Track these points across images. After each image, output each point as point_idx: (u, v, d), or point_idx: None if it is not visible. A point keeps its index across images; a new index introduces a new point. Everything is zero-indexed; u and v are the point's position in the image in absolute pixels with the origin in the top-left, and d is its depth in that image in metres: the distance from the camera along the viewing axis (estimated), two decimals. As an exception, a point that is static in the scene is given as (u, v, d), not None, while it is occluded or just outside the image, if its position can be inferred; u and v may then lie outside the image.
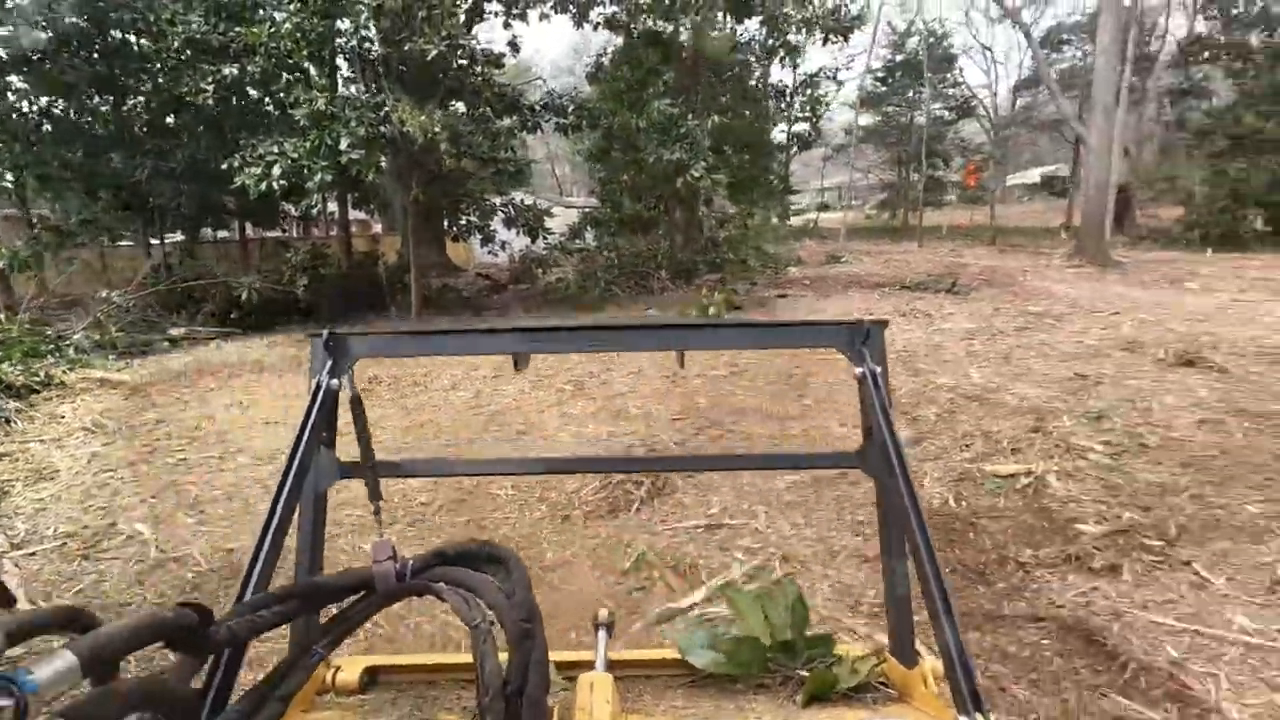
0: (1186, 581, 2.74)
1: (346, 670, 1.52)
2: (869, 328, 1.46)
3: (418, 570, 1.17)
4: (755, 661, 1.49)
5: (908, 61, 28.44)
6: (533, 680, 0.96)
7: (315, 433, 1.39)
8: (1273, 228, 19.07)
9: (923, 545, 1.18)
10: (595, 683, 1.24)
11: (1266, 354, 6.54)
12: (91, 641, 0.70)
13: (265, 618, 1.02)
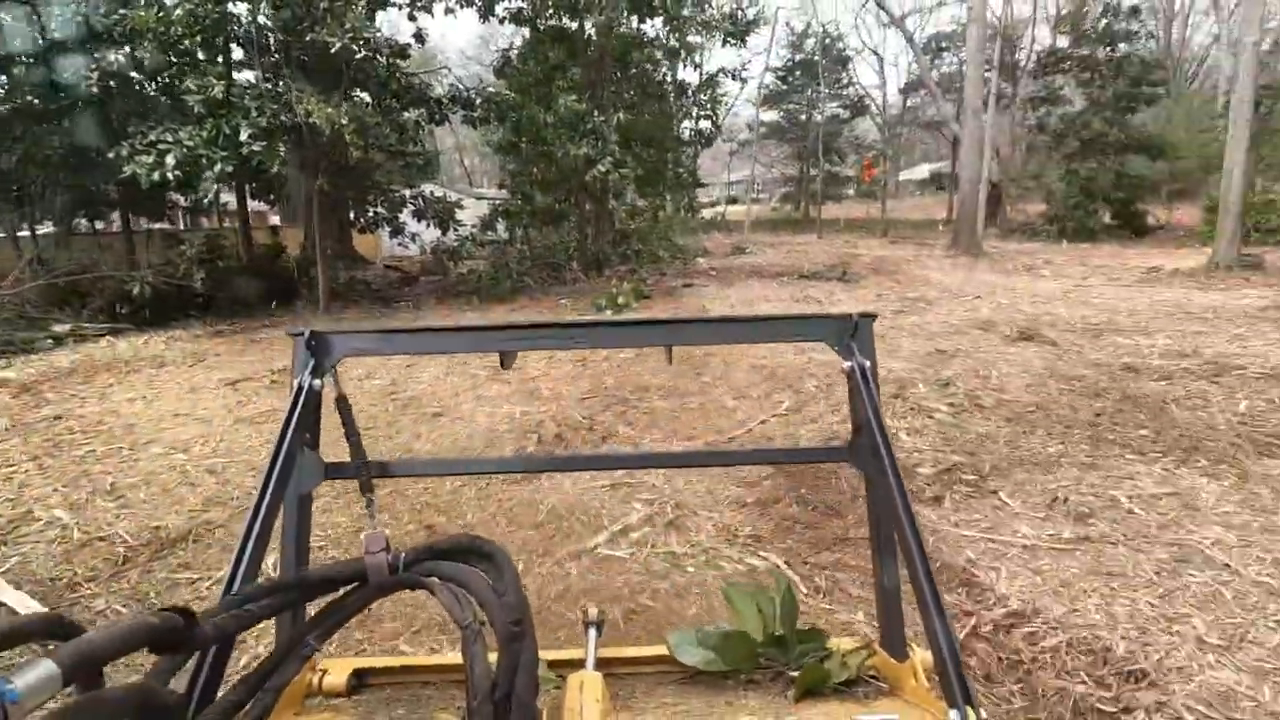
0: (990, 505, 3.43)
1: (333, 673, 1.51)
2: (857, 322, 1.47)
3: (410, 563, 1.17)
4: (746, 657, 1.50)
5: (805, 61, 29.91)
6: (522, 683, 0.95)
7: (298, 433, 1.37)
8: (1119, 221, 21.53)
9: (912, 539, 1.19)
10: (585, 681, 1.24)
11: (1090, 329, 7.67)
12: (74, 649, 0.68)
13: (253, 612, 1.01)
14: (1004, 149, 28.69)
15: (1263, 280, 11.48)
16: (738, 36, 13.03)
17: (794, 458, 3.51)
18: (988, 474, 3.77)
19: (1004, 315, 8.73)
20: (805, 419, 4.96)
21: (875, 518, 1.53)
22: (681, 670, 1.51)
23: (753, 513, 3.51)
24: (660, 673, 1.54)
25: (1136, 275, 12.93)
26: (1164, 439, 4.13)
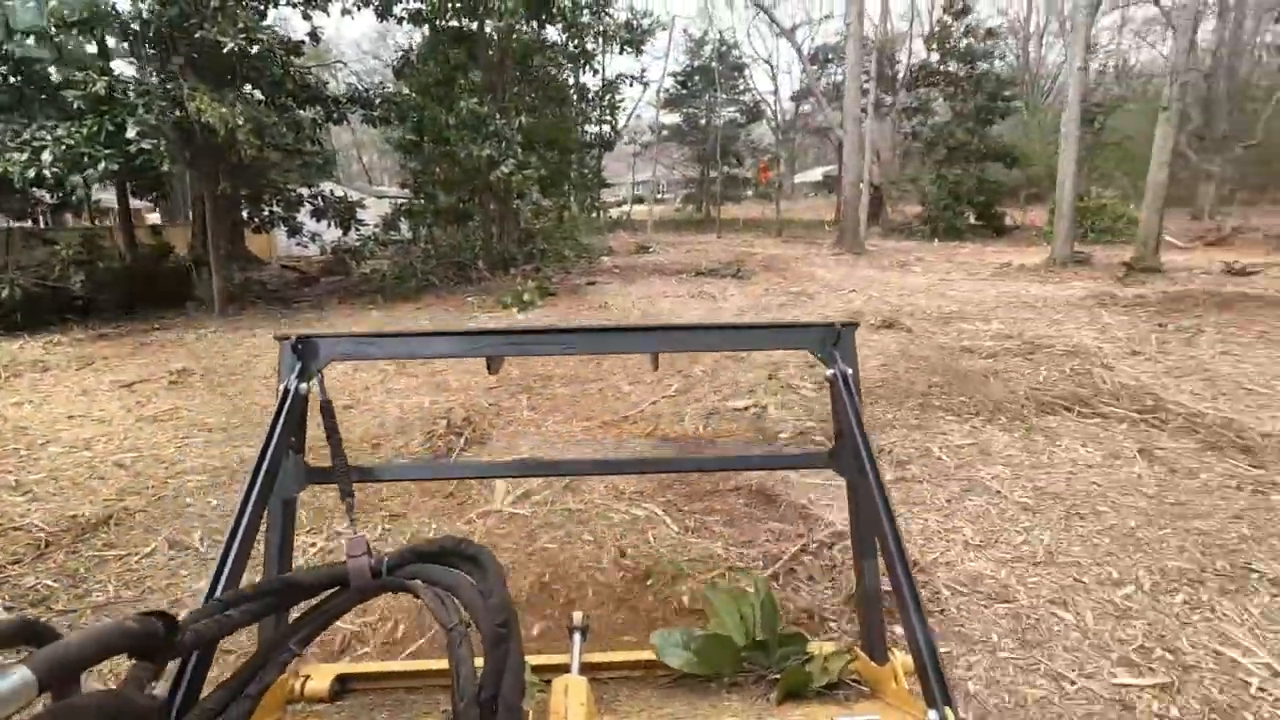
0: (893, 463, 4.13)
1: (316, 679, 1.48)
2: (840, 330, 1.49)
3: (393, 567, 1.15)
4: (729, 661, 1.50)
5: (703, 67, 31.09)
6: (508, 685, 0.94)
7: (283, 437, 1.36)
8: (982, 222, 23.84)
9: (893, 544, 1.19)
10: (570, 685, 1.23)
11: (941, 318, 8.78)
12: (49, 655, 0.67)
13: (234, 617, 1.00)
14: (885, 154, 30.97)
15: (1088, 274, 13.28)
16: (634, 45, 13.65)
17: (774, 463, 3.50)
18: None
19: (873, 307, 9.77)
20: (690, 399, 5.58)
21: (856, 522, 1.54)
22: (665, 674, 1.53)
23: (639, 476, 4.06)
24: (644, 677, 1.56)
25: (991, 270, 14.56)
26: (976, 404, 5.03)
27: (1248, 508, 3.35)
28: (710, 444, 4.65)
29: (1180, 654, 2.33)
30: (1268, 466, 3.83)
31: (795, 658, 1.51)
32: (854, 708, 1.37)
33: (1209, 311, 8.88)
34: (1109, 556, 2.96)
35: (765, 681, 1.48)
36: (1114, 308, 9.48)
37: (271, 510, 1.41)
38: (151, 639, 0.82)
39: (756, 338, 1.70)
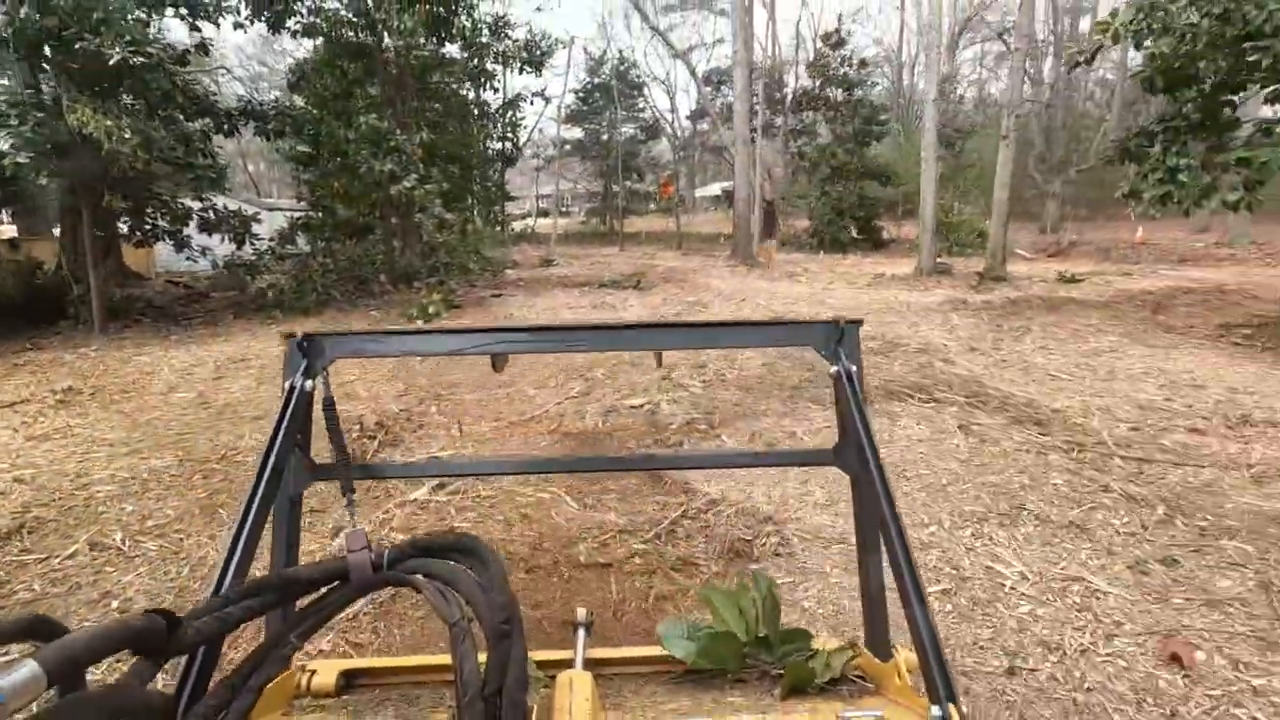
0: (714, 441, 4.76)
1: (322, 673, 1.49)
2: (844, 327, 1.48)
3: (394, 561, 1.16)
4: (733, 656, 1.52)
5: (603, 85, 31.93)
6: (512, 679, 0.95)
7: (289, 435, 1.38)
8: (863, 235, 25.80)
9: (897, 540, 1.20)
10: (574, 680, 1.23)
11: (818, 322, 9.75)
12: (57, 650, 0.69)
13: (234, 614, 1.01)
14: (777, 172, 32.89)
15: (949, 282, 14.89)
16: (534, 65, 14.10)
17: (779, 460, 3.47)
18: (717, 424, 5.13)
19: (760, 314, 10.64)
20: (591, 400, 6.08)
21: (861, 519, 1.55)
22: (669, 669, 1.54)
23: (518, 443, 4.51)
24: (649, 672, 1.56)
25: (867, 280, 15.97)
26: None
27: (1031, 464, 4.22)
28: (698, 445, 5.16)
29: (961, 570, 3.05)
30: (1052, 434, 4.77)
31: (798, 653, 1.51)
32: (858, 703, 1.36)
33: (1038, 314, 10.33)
34: (923, 505, 3.71)
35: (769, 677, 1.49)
36: (964, 311, 10.81)
37: (278, 508, 1.43)
38: (154, 635, 0.84)
39: (759, 335, 1.67)
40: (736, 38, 18.51)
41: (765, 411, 5.40)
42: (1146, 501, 3.66)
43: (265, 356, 8.10)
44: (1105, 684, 2.31)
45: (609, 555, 3.18)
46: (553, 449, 4.79)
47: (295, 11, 11.63)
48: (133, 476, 4.41)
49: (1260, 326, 8.54)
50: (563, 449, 4.78)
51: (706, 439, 4.87)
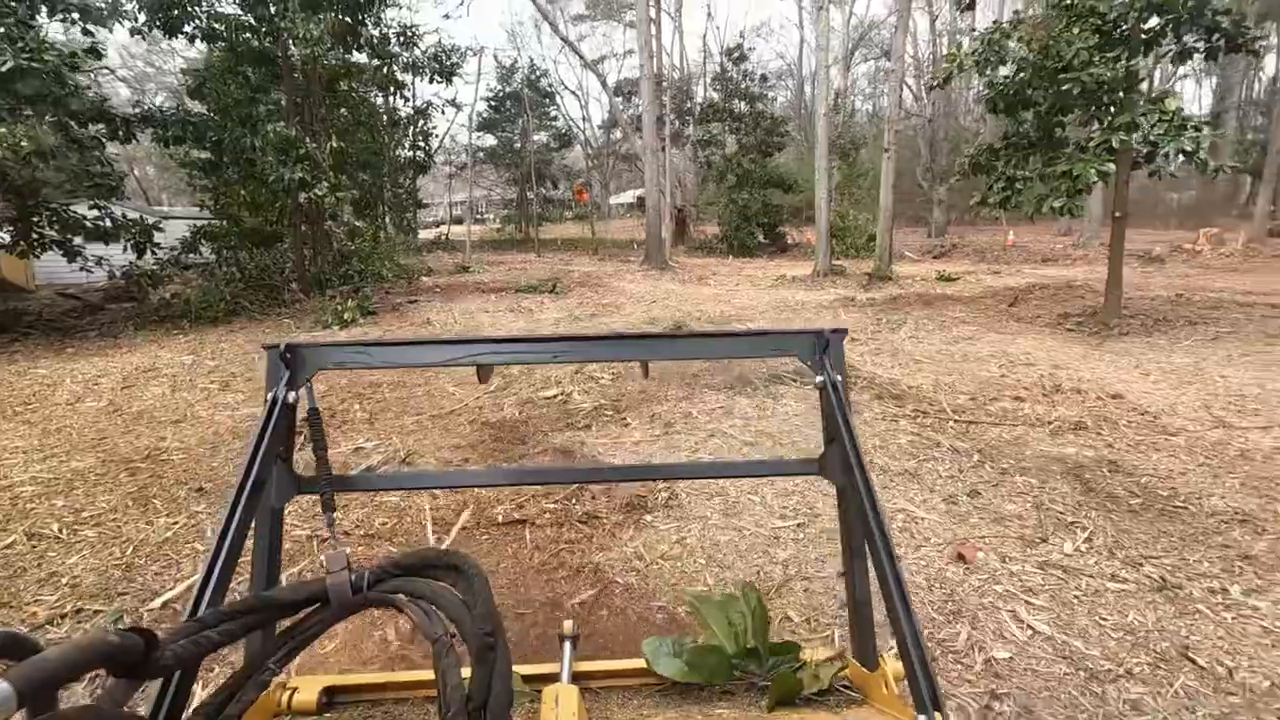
0: (620, 425, 5.33)
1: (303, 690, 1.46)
2: (828, 337, 1.47)
3: (374, 582, 1.14)
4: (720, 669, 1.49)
5: (514, 93, 32.16)
6: (496, 694, 0.94)
7: (271, 447, 1.35)
8: (768, 240, 27.20)
9: (884, 550, 1.19)
10: (560, 694, 1.21)
11: (720, 319, 10.53)
12: (28, 669, 0.66)
13: (212, 637, 0.99)
14: (688, 179, 34.08)
15: (842, 282, 16.15)
16: (444, 76, 14.32)
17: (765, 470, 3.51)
18: (624, 410, 5.72)
19: (668, 314, 11.35)
20: (509, 394, 6.53)
21: (847, 529, 1.55)
22: (656, 682, 1.52)
23: (465, 452, 4.95)
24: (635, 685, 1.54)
25: (770, 281, 17.06)
26: (730, 380, 6.53)
27: (884, 429, 5.02)
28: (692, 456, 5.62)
29: (814, 509, 3.74)
30: (905, 405, 5.62)
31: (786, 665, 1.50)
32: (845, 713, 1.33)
33: (915, 308, 11.53)
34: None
35: (756, 689, 1.47)
36: (851, 307, 11.91)
37: (259, 521, 1.39)
38: (131, 655, 0.82)
39: (745, 345, 1.66)
40: (642, 52, 19.32)
41: (666, 398, 6.03)
42: (966, 453, 4.50)
43: (176, 366, 8.06)
44: (909, 578, 3.02)
45: (524, 514, 3.69)
46: (472, 438, 5.23)
47: (193, 16, 11.44)
48: (56, 477, 4.53)
49: (1090, 315, 9.96)
50: (481, 437, 5.22)
51: (613, 423, 5.44)
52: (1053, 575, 2.99)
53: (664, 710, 1.47)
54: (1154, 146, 7.58)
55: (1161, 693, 2.24)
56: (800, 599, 2.87)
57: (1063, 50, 7.81)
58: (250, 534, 1.40)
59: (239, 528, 1.25)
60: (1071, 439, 4.76)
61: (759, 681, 1.57)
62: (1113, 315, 9.49)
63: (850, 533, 1.55)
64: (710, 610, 1.74)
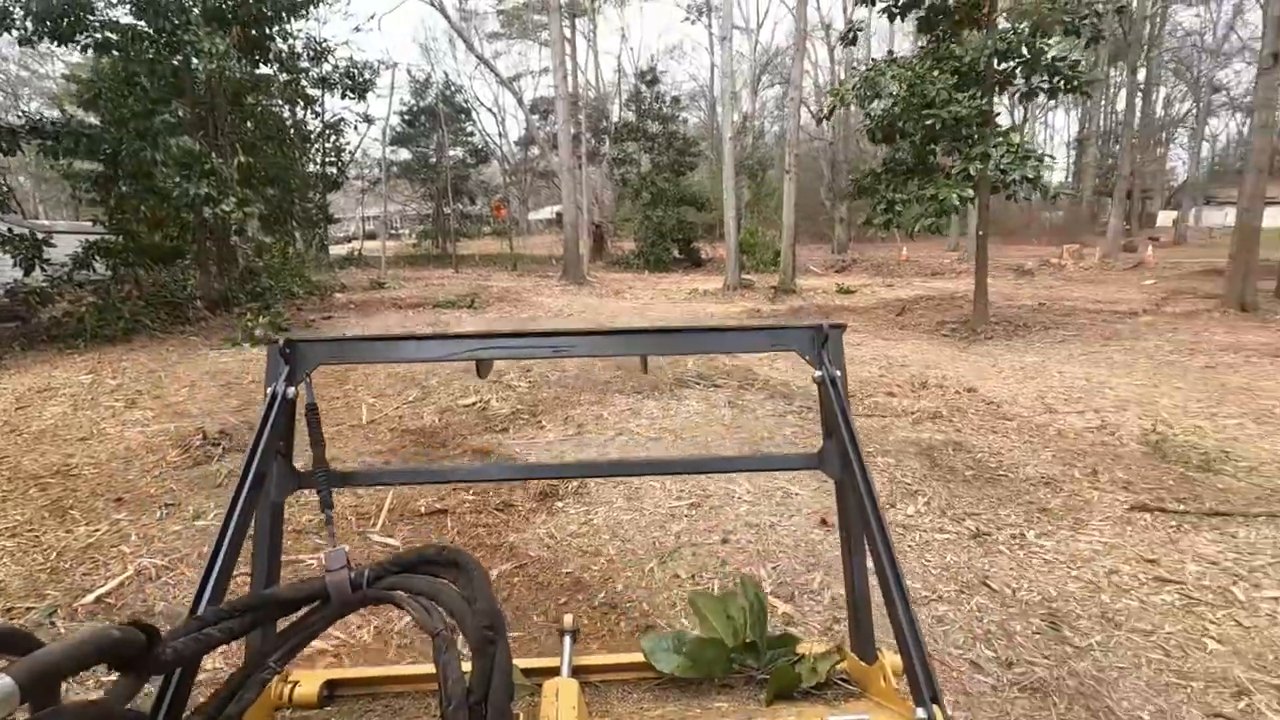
0: (535, 428, 5.72)
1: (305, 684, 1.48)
2: (828, 332, 1.47)
3: (374, 579, 1.14)
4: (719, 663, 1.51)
5: (429, 108, 31.98)
6: (497, 687, 0.94)
7: (271, 442, 1.35)
8: (683, 255, 28.16)
9: (881, 544, 1.20)
10: (561, 688, 1.23)
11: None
12: (30, 664, 0.66)
13: (214, 635, 0.98)
14: (605, 196, 34.77)
15: (750, 295, 17.09)
16: (356, 92, 14.31)
17: (765, 465, 3.47)
18: (539, 414, 6.11)
19: (586, 327, 11.80)
20: (429, 403, 6.78)
21: (845, 523, 1.56)
22: (655, 676, 1.54)
23: (387, 456, 5.20)
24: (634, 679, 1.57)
25: (684, 295, 17.82)
26: (639, 386, 7.03)
27: (773, 424, 5.64)
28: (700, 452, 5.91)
29: (707, 490, 4.26)
30: (793, 403, 6.29)
31: (784, 658, 1.53)
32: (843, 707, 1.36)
33: (816, 318, 12.46)
34: (691, 452, 4.93)
35: (755, 682, 1.49)
36: (757, 317, 12.73)
37: (260, 515, 1.41)
38: (132, 650, 0.82)
39: (744, 340, 1.67)
40: (557, 72, 19.83)
41: (580, 402, 6.46)
42: (840, 440, 5.16)
43: (74, 385, 7.81)
44: (780, 540, 3.58)
45: (445, 505, 4.02)
46: (393, 444, 5.48)
47: (86, 25, 11.06)
48: (-32, 490, 4.48)
49: (963, 322, 11.13)
50: (402, 443, 5.48)
51: (529, 425, 5.82)
52: (895, 531, 3.61)
53: (663, 704, 1.47)
54: (1004, 174, 8.71)
55: (961, 609, 2.86)
56: (688, 560, 3.36)
57: (927, 89, 8.85)
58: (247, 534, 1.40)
59: (240, 522, 1.25)
60: (928, 426, 5.53)
61: (757, 675, 1.59)
62: (980, 322, 10.65)
63: (848, 527, 1.57)
64: (709, 605, 1.75)
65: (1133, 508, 3.83)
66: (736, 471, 3.99)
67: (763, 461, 3.02)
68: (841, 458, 1.44)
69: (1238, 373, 7.37)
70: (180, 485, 4.65)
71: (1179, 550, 3.34)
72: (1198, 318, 11.67)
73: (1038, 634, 2.68)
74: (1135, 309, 12.96)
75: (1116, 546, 3.39)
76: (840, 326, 1.53)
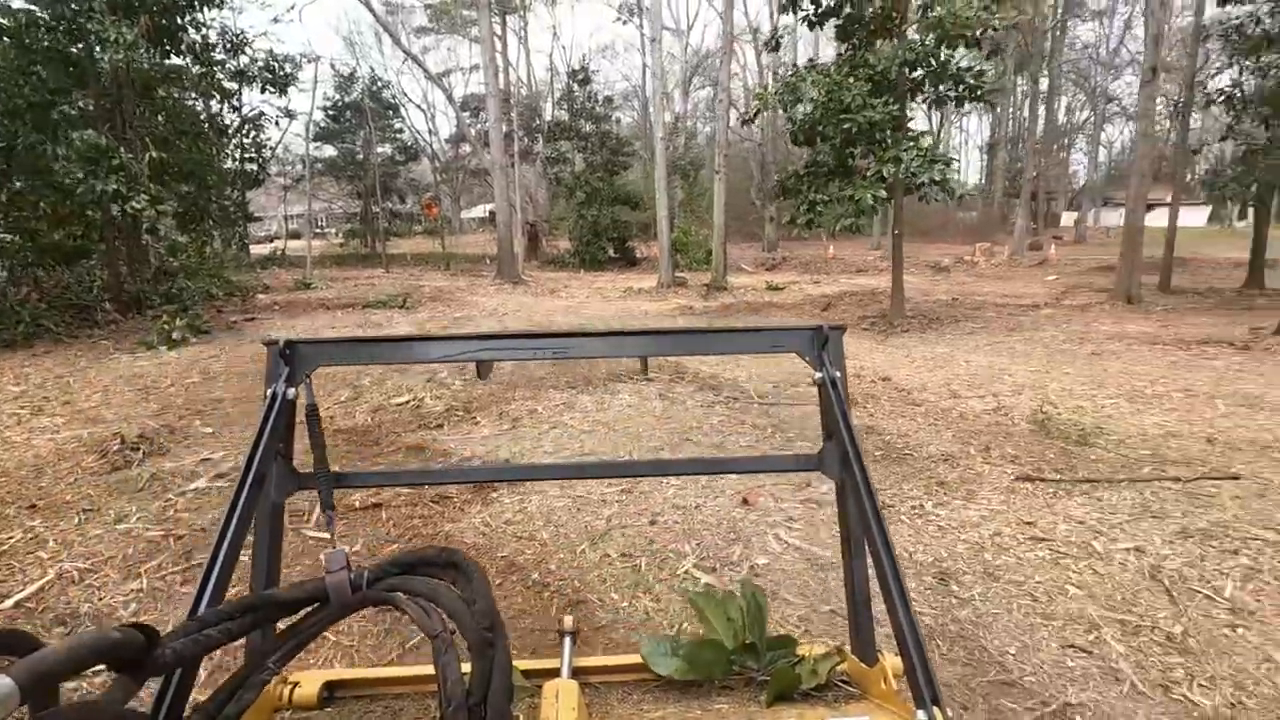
0: (470, 423, 5.80)
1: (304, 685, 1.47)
2: (828, 334, 1.47)
3: (373, 580, 1.14)
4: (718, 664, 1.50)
5: (355, 103, 31.08)
6: (496, 689, 0.94)
7: (271, 443, 1.36)
8: (618, 254, 28.37)
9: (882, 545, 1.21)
10: (560, 690, 1.22)
11: (569, 327, 11.20)
12: (29, 665, 0.66)
13: (214, 636, 0.98)
14: (539, 195, 34.63)
15: (684, 293, 17.45)
16: (277, 86, 13.83)
17: (763, 467, 3.43)
18: (474, 411, 6.18)
19: (520, 326, 11.85)
20: (361, 402, 6.74)
21: (846, 524, 1.55)
22: (655, 677, 1.53)
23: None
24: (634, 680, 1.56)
25: (619, 293, 18.02)
26: (574, 381, 7.19)
27: (701, 414, 5.90)
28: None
29: (640, 489, 4.46)
30: (722, 394, 6.57)
31: (784, 660, 1.52)
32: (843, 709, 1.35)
33: (744, 314, 12.89)
34: (623, 445, 5.13)
35: (755, 684, 1.48)
36: (689, 315, 13.06)
37: (259, 516, 1.40)
38: (132, 650, 0.82)
39: (743, 342, 1.67)
40: (488, 70, 19.68)
41: (514, 399, 6.57)
42: (764, 427, 5.46)
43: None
44: (704, 520, 3.81)
45: (380, 498, 4.09)
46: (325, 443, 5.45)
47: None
48: None
49: (881, 316, 11.76)
50: (334, 442, 5.46)
51: (464, 421, 5.90)
52: (810, 508, 3.91)
53: (663, 705, 1.46)
54: (913, 176, 9.28)
55: (863, 572, 3.16)
56: (619, 541, 3.55)
57: (844, 95, 9.34)
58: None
59: (239, 523, 1.25)
60: (845, 412, 5.90)
61: (757, 677, 1.60)
62: (897, 316, 11.29)
63: (848, 528, 1.57)
64: (711, 607, 1.76)
65: (1018, 478, 4.26)
66: (733, 473, 4.01)
67: (761, 463, 3.13)
68: (841, 459, 1.46)
69: (1119, 359, 8.14)
70: (99, 491, 4.52)
71: (1053, 513, 3.75)
72: (1090, 310, 12.70)
73: (928, 589, 3.00)
74: (1037, 303, 13.98)
75: (1001, 512, 3.78)
76: (840, 328, 1.54)
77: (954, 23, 8.74)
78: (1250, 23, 12.57)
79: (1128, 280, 13.55)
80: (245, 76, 12.73)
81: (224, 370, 8.01)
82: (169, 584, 3.27)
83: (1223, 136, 14.82)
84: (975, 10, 8.75)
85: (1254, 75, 12.93)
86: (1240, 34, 12.85)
